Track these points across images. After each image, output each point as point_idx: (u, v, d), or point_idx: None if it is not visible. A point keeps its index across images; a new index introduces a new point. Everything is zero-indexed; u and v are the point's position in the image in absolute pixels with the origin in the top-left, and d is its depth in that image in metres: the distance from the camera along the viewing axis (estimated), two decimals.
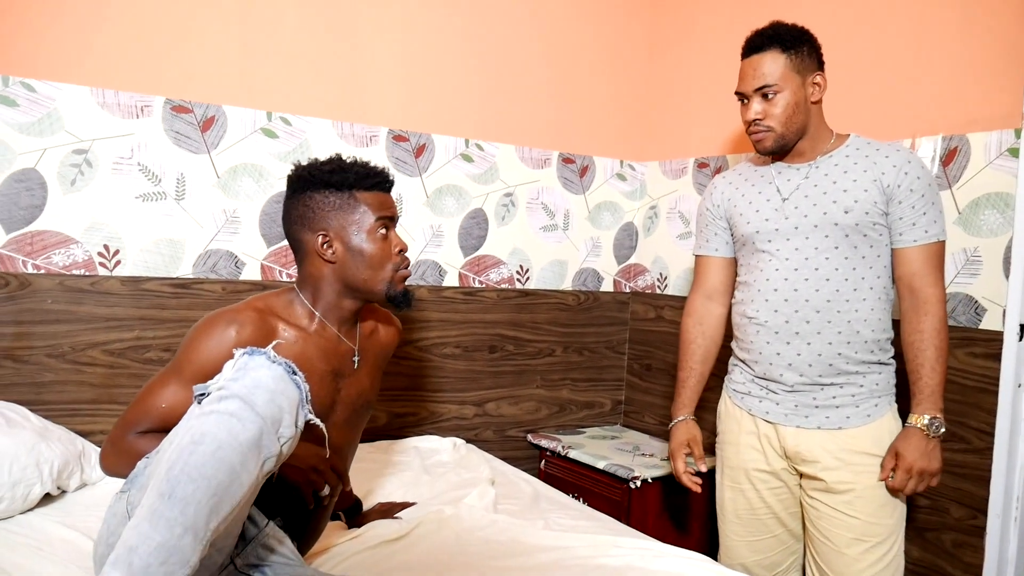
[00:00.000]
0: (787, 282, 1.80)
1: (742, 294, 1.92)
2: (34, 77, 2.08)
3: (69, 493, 1.92)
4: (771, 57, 1.76)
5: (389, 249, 1.54)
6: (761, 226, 1.85)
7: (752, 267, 1.89)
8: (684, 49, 2.93)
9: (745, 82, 1.80)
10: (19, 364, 2.09)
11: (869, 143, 1.80)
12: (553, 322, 2.94)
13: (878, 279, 1.77)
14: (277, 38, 2.37)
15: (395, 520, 1.88)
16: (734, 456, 1.94)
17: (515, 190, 2.82)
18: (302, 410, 1.17)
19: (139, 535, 1.03)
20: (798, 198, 1.81)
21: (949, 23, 2.10)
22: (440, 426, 2.73)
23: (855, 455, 1.76)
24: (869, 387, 1.78)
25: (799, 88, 1.76)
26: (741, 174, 1.98)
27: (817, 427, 1.79)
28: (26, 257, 2.10)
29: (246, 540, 1.30)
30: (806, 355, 1.79)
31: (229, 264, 2.34)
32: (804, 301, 1.78)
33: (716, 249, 2.00)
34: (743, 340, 1.91)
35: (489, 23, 2.72)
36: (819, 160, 1.81)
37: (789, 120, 1.77)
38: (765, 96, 1.77)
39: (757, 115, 1.78)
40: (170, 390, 1.40)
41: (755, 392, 1.89)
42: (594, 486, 2.58)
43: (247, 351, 1.17)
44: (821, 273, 1.77)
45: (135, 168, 2.21)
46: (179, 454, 1.06)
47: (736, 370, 1.97)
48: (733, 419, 1.95)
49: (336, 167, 1.54)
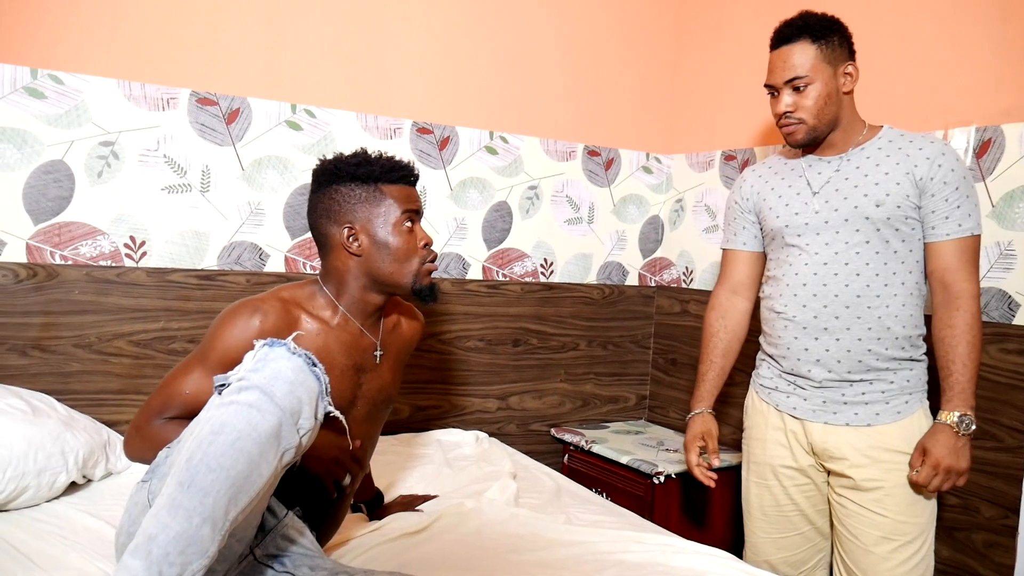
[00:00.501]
0: (816, 277, 1.77)
1: (771, 288, 1.89)
2: (62, 69, 2.10)
3: (95, 482, 1.94)
4: (801, 48, 1.72)
5: (415, 242, 1.53)
6: (790, 220, 1.82)
7: (781, 261, 1.85)
8: (711, 39, 2.89)
9: (775, 74, 1.76)
10: (46, 354, 2.11)
11: (902, 135, 1.75)
12: (577, 316, 2.92)
13: (910, 274, 1.73)
14: (302, 31, 2.37)
15: (416, 513, 1.89)
16: (760, 452, 1.92)
17: (539, 183, 2.80)
18: (322, 402, 1.17)
19: (158, 524, 1.03)
20: (828, 192, 1.78)
21: (983, 11, 2.05)
22: (463, 419, 2.72)
23: (884, 452, 1.72)
24: (900, 384, 1.75)
25: (830, 79, 1.72)
26: (771, 167, 1.94)
27: (845, 424, 1.76)
28: (54, 248, 2.12)
29: (265, 531, 1.30)
30: (835, 351, 1.76)
31: (253, 256, 2.35)
32: (833, 296, 1.75)
33: (744, 243, 1.97)
34: (771, 335, 1.88)
35: (514, 15, 2.71)
36: (850, 152, 1.77)
37: (821, 112, 1.73)
38: (796, 88, 1.73)
39: (788, 108, 1.74)
40: (194, 377, 1.41)
41: (782, 387, 1.86)
42: (618, 481, 2.57)
43: (268, 342, 1.17)
44: (851, 268, 1.74)
45: (161, 160, 2.22)
46: (199, 444, 1.07)
47: (764, 365, 1.94)
48: (760, 414, 1.92)
49: (362, 160, 1.53)
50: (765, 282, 1.93)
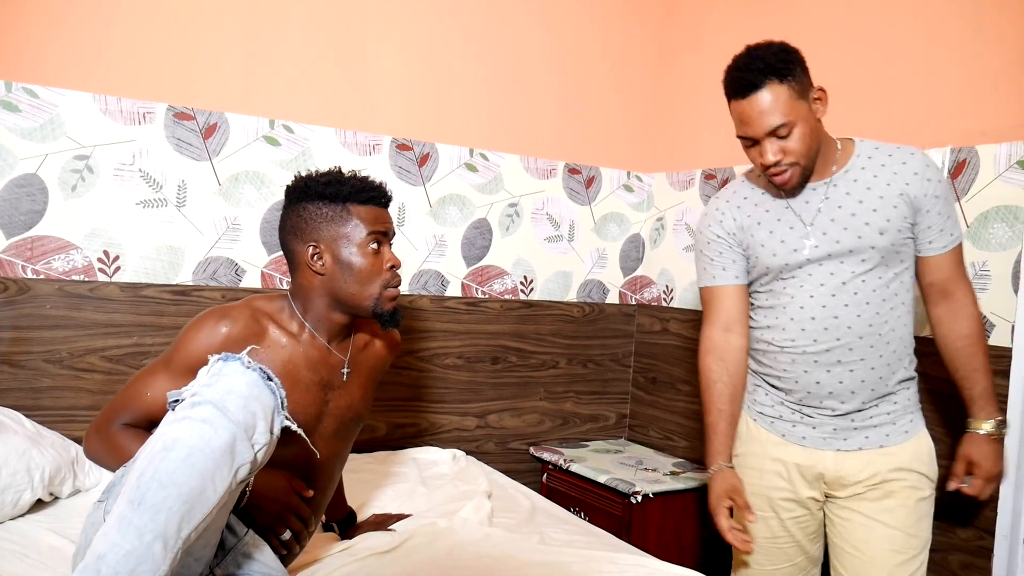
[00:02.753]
0: (825, 309, 1.68)
1: (767, 319, 1.77)
2: (37, 83, 2.08)
3: (62, 499, 1.91)
4: (772, 92, 1.58)
5: (380, 265, 1.52)
6: (791, 259, 1.71)
7: (779, 293, 1.75)
8: (691, 60, 2.91)
9: (752, 126, 1.62)
10: (16, 369, 2.09)
11: (878, 148, 1.71)
12: (557, 334, 2.91)
13: (908, 292, 1.71)
14: (280, 45, 2.37)
15: (388, 532, 1.86)
16: (757, 482, 1.80)
17: (520, 200, 2.80)
18: (278, 416, 1.16)
19: (108, 543, 1.02)
20: (824, 223, 1.69)
21: (957, 34, 2.07)
22: (441, 438, 2.70)
23: (896, 471, 1.70)
24: (903, 403, 1.73)
25: (808, 113, 1.62)
26: (746, 197, 1.81)
27: (858, 448, 1.71)
28: (26, 262, 2.10)
29: (225, 549, 1.28)
30: (849, 382, 1.69)
31: (229, 271, 2.34)
32: (847, 328, 1.67)
33: (736, 277, 1.81)
34: (772, 367, 1.78)
35: (494, 32, 2.72)
36: (835, 177, 1.69)
37: (809, 150, 1.63)
38: (779, 136, 1.61)
39: (778, 157, 1.62)
40: (157, 381, 1.41)
41: (787, 416, 1.77)
42: (595, 500, 2.55)
43: (221, 356, 1.16)
44: (860, 297, 1.67)
45: (136, 174, 2.21)
46: (150, 460, 1.05)
47: (760, 391, 1.82)
48: (757, 442, 1.82)
49: (332, 179, 1.52)
50: (755, 312, 1.82)
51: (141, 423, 1.42)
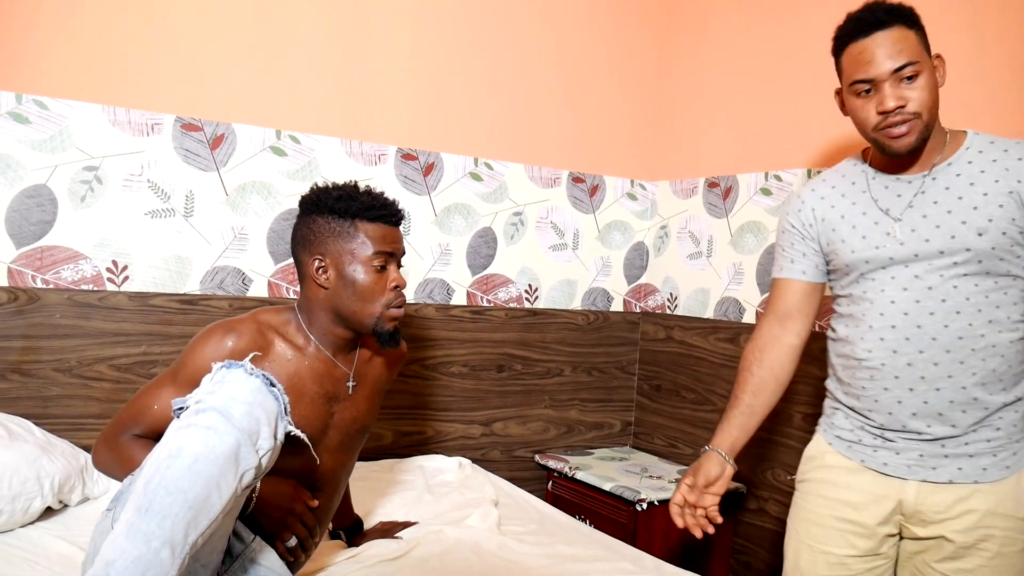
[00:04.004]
0: (907, 317, 1.49)
1: (846, 330, 1.60)
2: (47, 95, 2.11)
3: (71, 507, 1.93)
4: (901, 33, 1.43)
5: (383, 283, 1.52)
6: (871, 255, 1.53)
7: (858, 298, 1.57)
8: (694, 68, 2.92)
9: (874, 65, 1.43)
10: (26, 378, 2.11)
11: (993, 142, 1.49)
12: (562, 342, 2.92)
13: (1014, 305, 1.47)
14: (287, 57, 2.39)
15: (394, 540, 1.87)
16: (823, 511, 1.60)
17: (524, 209, 2.82)
18: (281, 422, 1.17)
19: (116, 549, 1.03)
20: (914, 218, 1.50)
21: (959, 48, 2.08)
22: (446, 445, 2.71)
23: (994, 517, 1.46)
24: (1007, 431, 1.48)
25: (932, 71, 1.45)
26: (834, 187, 1.64)
27: (949, 481, 1.48)
28: (35, 272, 2.12)
29: (233, 556, 1.30)
30: (935, 403, 1.48)
31: (236, 281, 2.36)
32: (931, 340, 1.47)
33: (804, 272, 1.67)
34: (850, 385, 1.59)
35: (499, 42, 2.74)
36: (935, 170, 1.50)
37: (933, 107, 1.45)
38: (906, 79, 1.43)
39: (900, 102, 1.42)
40: (164, 393, 1.43)
41: (866, 440, 1.57)
42: (601, 508, 2.55)
43: (225, 364, 1.17)
44: (949, 305, 1.46)
45: (144, 185, 2.23)
46: (156, 468, 1.07)
47: (838, 414, 1.64)
48: (829, 468, 1.62)
49: (344, 194, 1.53)
50: (835, 321, 1.64)
51: (148, 435, 1.44)
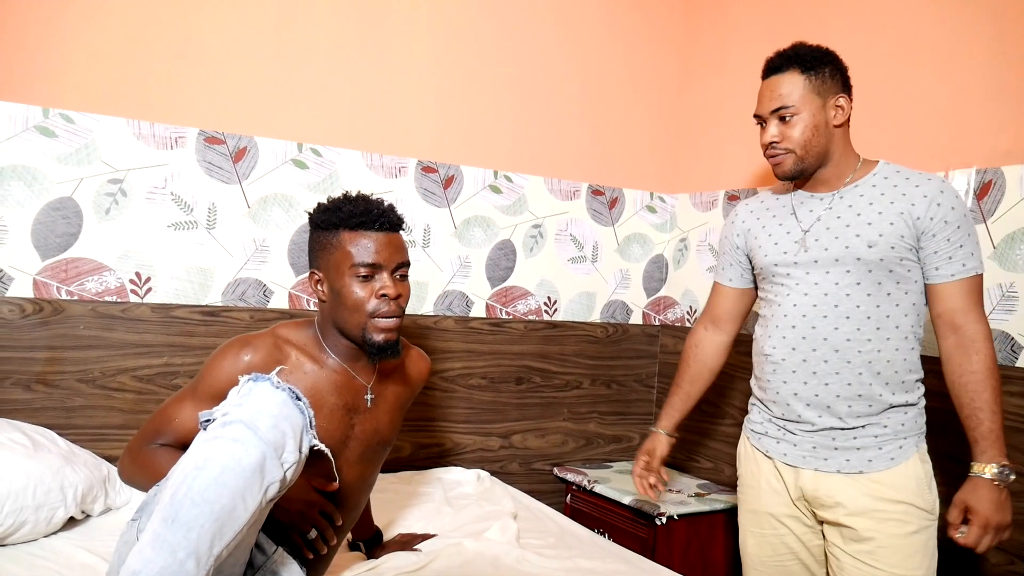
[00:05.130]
0: (805, 319, 1.72)
1: (760, 330, 1.84)
2: (73, 109, 2.14)
3: (93, 518, 1.94)
4: (789, 78, 1.70)
5: (367, 293, 1.48)
6: (779, 259, 1.77)
7: (770, 301, 1.81)
8: (715, 80, 2.92)
9: (762, 104, 1.75)
10: (50, 388, 2.13)
11: (899, 171, 1.70)
12: (581, 354, 2.92)
13: (905, 317, 1.67)
14: (309, 71, 2.41)
15: (414, 552, 1.87)
16: (755, 500, 1.84)
17: (543, 221, 2.82)
18: (306, 436, 1.18)
19: (142, 560, 1.04)
20: (819, 230, 1.72)
21: (983, 54, 2.07)
22: (465, 458, 2.71)
23: (878, 501, 1.64)
24: (893, 428, 1.67)
25: (819, 110, 1.69)
26: (763, 202, 1.90)
27: (837, 471, 1.69)
28: (60, 284, 2.14)
29: (255, 568, 1.30)
30: (824, 396, 1.70)
31: (257, 292, 2.37)
32: (823, 339, 1.69)
33: (730, 279, 1.96)
34: (760, 379, 1.83)
35: (519, 55, 2.75)
36: (844, 190, 1.72)
37: (808, 143, 1.69)
38: (782, 118, 1.70)
39: (774, 138, 1.72)
40: (185, 407, 1.46)
41: (772, 432, 1.80)
42: (620, 522, 2.54)
43: (252, 377, 1.18)
44: (841, 310, 1.68)
45: (168, 198, 2.25)
46: (183, 479, 1.07)
47: (755, 410, 1.88)
48: (752, 461, 1.86)
49: (329, 205, 1.53)
50: (757, 322, 1.88)
51: (173, 445, 1.46)
